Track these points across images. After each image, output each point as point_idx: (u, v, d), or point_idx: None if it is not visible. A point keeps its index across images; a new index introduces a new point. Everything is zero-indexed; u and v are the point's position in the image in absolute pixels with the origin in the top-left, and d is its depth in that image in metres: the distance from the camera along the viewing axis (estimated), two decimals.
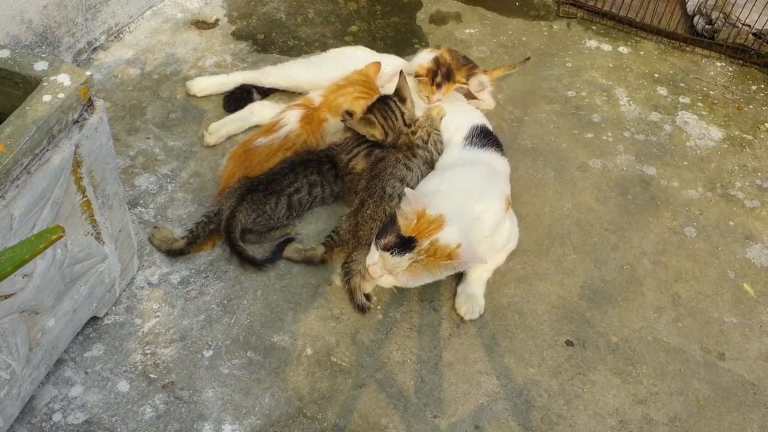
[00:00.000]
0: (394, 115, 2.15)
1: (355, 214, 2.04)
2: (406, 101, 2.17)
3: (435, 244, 1.78)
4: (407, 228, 1.80)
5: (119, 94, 2.47)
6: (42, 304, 1.54)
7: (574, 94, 2.76)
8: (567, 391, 1.86)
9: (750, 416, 1.87)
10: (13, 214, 1.36)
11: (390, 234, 1.81)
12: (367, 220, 1.99)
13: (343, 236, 2.03)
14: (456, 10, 3.09)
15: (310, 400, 1.78)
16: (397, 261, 1.79)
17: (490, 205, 1.93)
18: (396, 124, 2.15)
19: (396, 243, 1.79)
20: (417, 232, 1.79)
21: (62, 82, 1.46)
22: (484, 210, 1.91)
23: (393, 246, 1.79)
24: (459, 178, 1.99)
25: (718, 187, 2.47)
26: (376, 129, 2.13)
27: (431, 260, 1.79)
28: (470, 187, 1.95)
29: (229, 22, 2.85)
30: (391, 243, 1.80)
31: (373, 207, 2.01)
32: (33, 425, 1.65)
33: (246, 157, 2.14)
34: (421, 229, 1.79)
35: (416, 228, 1.79)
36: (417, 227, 1.79)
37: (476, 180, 2.00)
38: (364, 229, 1.99)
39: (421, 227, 1.79)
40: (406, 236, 1.79)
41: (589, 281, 2.13)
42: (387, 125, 2.14)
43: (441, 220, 1.80)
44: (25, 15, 2.25)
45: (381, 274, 1.83)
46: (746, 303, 2.13)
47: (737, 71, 2.97)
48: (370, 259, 1.85)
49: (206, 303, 1.94)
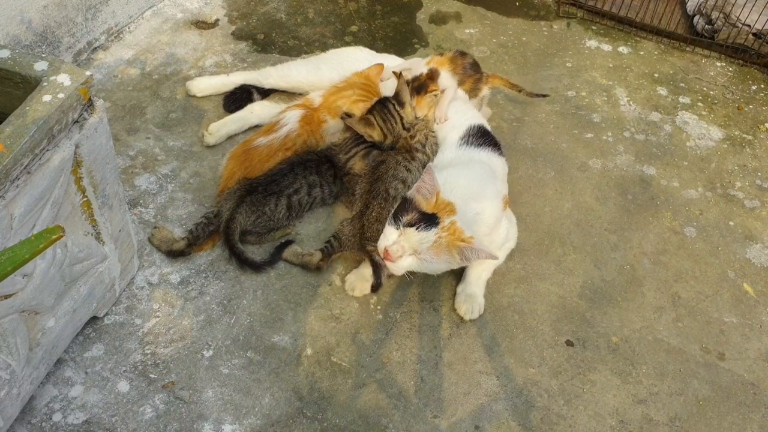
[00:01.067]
0: (393, 119, 2.15)
1: (359, 216, 2.04)
2: (404, 105, 2.16)
3: (454, 225, 1.79)
4: (428, 205, 1.79)
5: (119, 94, 2.47)
6: (42, 304, 1.54)
7: (574, 94, 2.76)
8: (567, 391, 1.86)
9: (750, 416, 1.87)
10: (13, 214, 1.36)
11: (410, 212, 1.79)
12: (373, 222, 1.99)
13: (345, 242, 2.03)
14: (456, 10, 3.09)
15: (310, 400, 1.78)
16: (424, 236, 1.77)
17: (488, 204, 1.93)
18: (395, 128, 2.15)
19: (420, 218, 1.78)
20: (437, 209, 1.79)
21: (62, 82, 1.46)
22: (482, 208, 1.91)
23: (418, 221, 1.77)
24: (456, 177, 1.99)
25: (718, 187, 2.47)
26: (375, 130, 2.14)
27: (452, 240, 1.78)
28: (468, 185, 1.95)
29: (229, 22, 2.85)
30: (414, 219, 1.78)
31: (378, 209, 2.01)
32: (33, 425, 1.65)
33: (246, 157, 2.14)
34: (440, 207, 1.80)
35: (436, 206, 1.80)
36: (436, 205, 1.80)
37: (474, 179, 1.99)
38: (370, 230, 1.98)
39: (440, 206, 1.80)
40: (429, 212, 1.78)
41: (589, 281, 2.13)
42: (386, 128, 2.14)
43: (453, 207, 1.81)
44: (25, 15, 2.25)
45: (402, 253, 1.78)
46: (746, 303, 2.13)
47: (737, 71, 2.97)
48: (388, 240, 1.79)
49: (206, 303, 1.94)
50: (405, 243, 1.77)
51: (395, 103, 2.16)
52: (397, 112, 2.15)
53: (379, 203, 2.02)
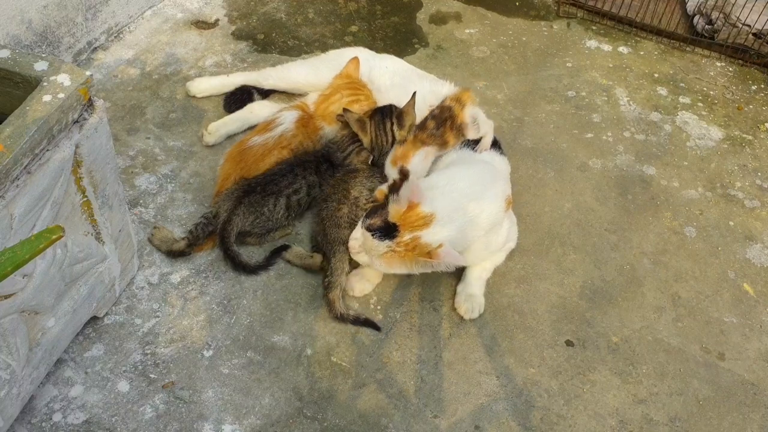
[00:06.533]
0: (386, 137, 2.13)
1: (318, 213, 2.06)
2: (403, 128, 2.13)
3: (416, 240, 1.78)
4: (395, 213, 1.79)
5: (119, 94, 2.47)
6: (42, 304, 1.54)
7: (574, 94, 2.76)
8: (567, 391, 1.86)
9: (750, 416, 1.87)
10: (13, 214, 1.36)
11: (378, 216, 1.81)
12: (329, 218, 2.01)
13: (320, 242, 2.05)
14: (456, 10, 3.09)
15: (310, 400, 1.78)
16: (375, 245, 1.79)
17: (488, 205, 1.92)
18: (384, 146, 2.14)
19: (380, 226, 1.79)
20: (403, 222, 1.78)
21: (62, 82, 1.46)
22: (481, 209, 1.90)
23: (376, 228, 1.79)
24: (458, 177, 1.99)
25: (718, 187, 2.47)
26: (366, 136, 2.13)
27: (409, 254, 1.79)
28: (470, 185, 1.95)
29: (229, 22, 2.85)
30: (375, 225, 1.80)
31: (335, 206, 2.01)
32: (33, 425, 1.65)
33: (241, 157, 2.14)
34: (408, 221, 1.79)
35: (403, 218, 1.78)
36: (404, 217, 1.78)
37: (476, 179, 1.99)
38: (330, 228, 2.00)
39: (408, 219, 1.79)
40: (391, 222, 1.79)
41: (589, 281, 2.13)
42: (376, 140, 2.14)
43: (429, 219, 1.79)
44: (25, 15, 2.25)
45: (358, 250, 1.85)
46: (746, 303, 2.13)
47: (737, 71, 2.97)
48: (354, 233, 1.86)
49: (206, 303, 1.94)
50: (362, 242, 1.83)
51: (395, 122, 2.13)
52: (392, 132, 2.13)
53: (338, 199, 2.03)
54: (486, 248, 1.98)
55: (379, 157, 2.14)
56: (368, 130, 2.13)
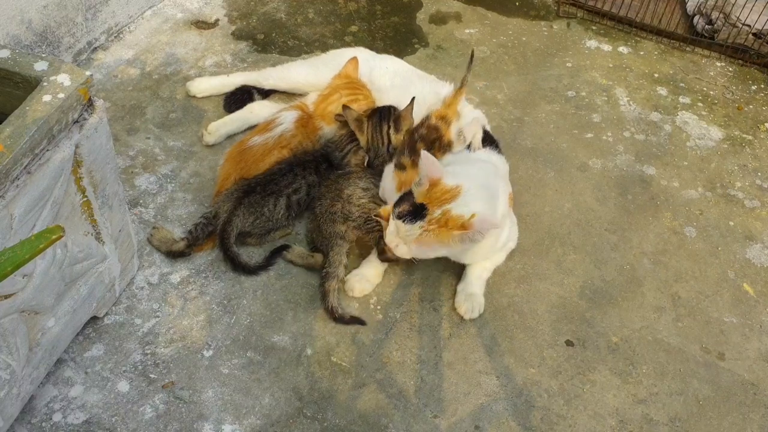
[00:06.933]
0: (381, 140, 2.13)
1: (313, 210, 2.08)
2: (399, 132, 2.12)
3: (447, 214, 1.75)
4: (420, 194, 1.78)
5: (119, 94, 2.47)
6: (42, 304, 1.54)
7: (574, 94, 2.76)
8: (567, 391, 1.86)
9: (750, 416, 1.87)
10: (13, 214, 1.36)
11: (406, 202, 1.79)
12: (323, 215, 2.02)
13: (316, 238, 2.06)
14: (456, 10, 3.09)
15: (310, 400, 1.78)
16: (408, 229, 1.76)
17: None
18: (380, 149, 2.14)
19: (409, 211, 1.77)
20: (429, 199, 1.76)
21: (62, 82, 1.46)
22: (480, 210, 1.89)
23: (406, 214, 1.77)
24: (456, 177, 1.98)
25: (718, 187, 2.47)
26: (362, 136, 2.14)
27: (443, 231, 1.75)
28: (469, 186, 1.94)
29: (229, 22, 2.85)
30: (404, 211, 1.77)
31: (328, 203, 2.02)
32: (33, 425, 1.66)
33: (241, 157, 2.14)
34: (434, 197, 1.76)
35: (429, 195, 1.77)
36: (430, 194, 1.76)
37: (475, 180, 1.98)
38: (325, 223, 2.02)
39: (434, 195, 1.76)
40: (418, 204, 1.77)
41: (589, 281, 2.13)
42: (372, 142, 2.14)
43: (456, 192, 1.77)
44: (25, 15, 2.25)
45: (396, 243, 1.80)
46: (746, 303, 2.13)
47: (737, 71, 2.97)
48: (388, 230, 1.82)
49: (206, 303, 1.94)
50: (397, 233, 1.79)
51: (391, 126, 2.13)
52: (388, 136, 2.13)
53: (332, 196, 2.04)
54: (492, 246, 1.97)
55: (374, 158, 2.15)
56: (365, 130, 2.13)
